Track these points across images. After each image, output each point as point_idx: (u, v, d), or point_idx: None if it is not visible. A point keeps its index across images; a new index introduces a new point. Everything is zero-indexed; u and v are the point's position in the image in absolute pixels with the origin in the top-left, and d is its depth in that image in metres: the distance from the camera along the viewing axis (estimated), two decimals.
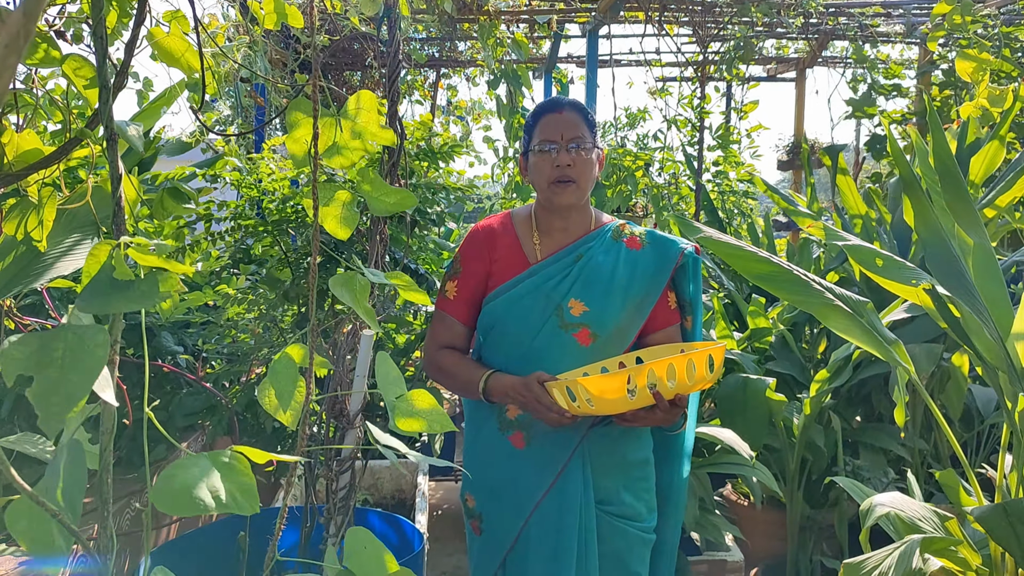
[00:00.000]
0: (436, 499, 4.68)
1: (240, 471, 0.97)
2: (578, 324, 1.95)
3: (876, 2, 5.90)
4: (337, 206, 1.37)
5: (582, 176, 1.96)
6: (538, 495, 1.94)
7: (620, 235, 2.06)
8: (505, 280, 2.02)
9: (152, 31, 1.57)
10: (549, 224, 2.05)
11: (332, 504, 1.92)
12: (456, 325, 2.06)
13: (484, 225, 2.11)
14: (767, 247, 4.67)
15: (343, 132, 1.36)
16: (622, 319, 1.97)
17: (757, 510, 3.52)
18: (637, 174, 5.16)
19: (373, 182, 1.35)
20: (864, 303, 2.13)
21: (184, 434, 2.95)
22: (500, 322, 2.00)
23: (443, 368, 2.04)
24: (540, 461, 1.96)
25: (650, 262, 2.02)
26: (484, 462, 2.05)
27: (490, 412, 2.01)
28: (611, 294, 1.97)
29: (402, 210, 1.38)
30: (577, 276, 1.98)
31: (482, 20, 5.40)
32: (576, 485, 1.94)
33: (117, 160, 0.96)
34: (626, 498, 2.00)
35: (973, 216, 2.04)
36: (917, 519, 1.91)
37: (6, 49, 0.44)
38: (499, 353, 2.01)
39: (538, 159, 1.97)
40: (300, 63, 5.74)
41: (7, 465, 0.99)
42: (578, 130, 1.96)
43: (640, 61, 7.06)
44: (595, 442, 1.97)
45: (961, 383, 3.32)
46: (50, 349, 0.97)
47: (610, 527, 1.97)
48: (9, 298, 1.50)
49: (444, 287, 2.09)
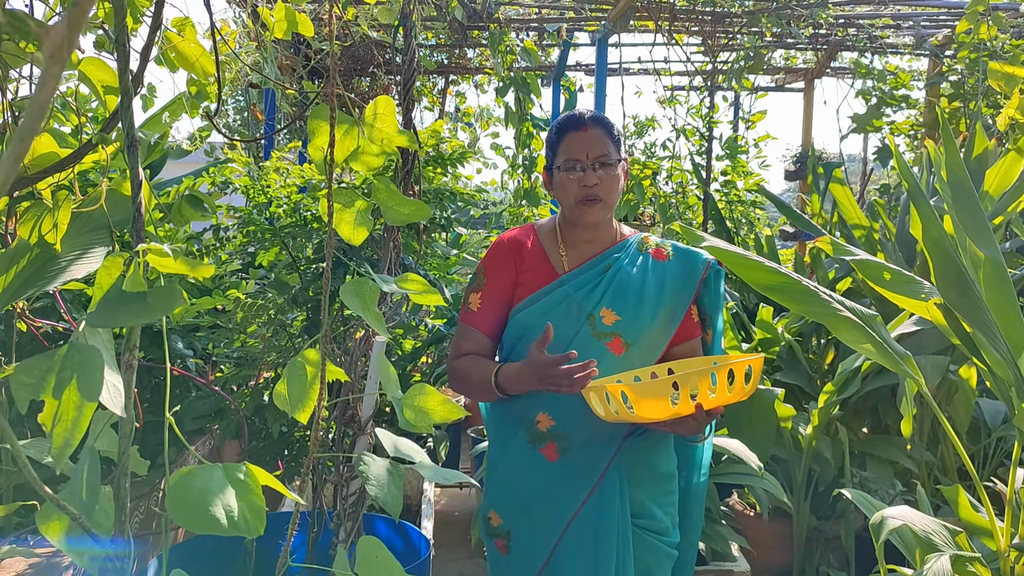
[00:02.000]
0: (441, 506, 4.68)
1: (252, 491, 0.97)
2: (611, 333, 1.93)
3: (886, 14, 5.90)
4: (352, 212, 1.38)
5: (609, 194, 1.95)
6: (574, 508, 1.90)
7: (645, 246, 2.06)
8: (533, 291, 1.99)
9: (168, 35, 1.58)
10: (575, 236, 2.04)
11: (342, 509, 1.92)
12: (480, 337, 2.02)
13: (509, 237, 2.09)
14: (769, 257, 4.67)
15: (364, 137, 1.37)
16: (653, 329, 1.97)
17: (763, 521, 3.52)
18: (645, 183, 5.16)
19: (389, 192, 1.36)
20: (874, 316, 2.13)
21: (192, 437, 2.95)
22: (530, 332, 1.94)
23: (460, 373, 1.99)
24: (575, 473, 1.91)
25: (677, 274, 2.02)
26: (512, 477, 2.00)
27: (518, 425, 1.97)
28: (642, 304, 1.96)
29: (416, 220, 1.38)
30: (608, 286, 1.97)
31: (492, 28, 5.41)
32: (613, 496, 1.90)
33: (138, 167, 0.97)
34: (656, 512, 1.97)
35: (985, 228, 2.04)
36: (929, 533, 1.91)
37: (51, 60, 0.45)
38: None
39: (563, 178, 1.96)
40: (309, 69, 5.76)
41: (31, 472, 1.00)
42: (603, 147, 1.94)
43: (649, 70, 7.06)
44: (630, 453, 1.94)
45: (969, 395, 3.31)
46: (62, 371, 0.98)
47: (642, 542, 1.94)
48: (22, 300, 1.51)
49: (467, 300, 2.05)
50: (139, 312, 0.99)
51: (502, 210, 8.00)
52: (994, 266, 1.99)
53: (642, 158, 5.92)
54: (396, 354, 3.99)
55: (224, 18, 5.16)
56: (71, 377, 0.96)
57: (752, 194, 6.47)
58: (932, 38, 6.25)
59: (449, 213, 3.20)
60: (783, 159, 7.38)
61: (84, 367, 0.95)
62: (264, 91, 5.81)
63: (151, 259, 0.94)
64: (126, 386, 1.00)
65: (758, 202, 6.54)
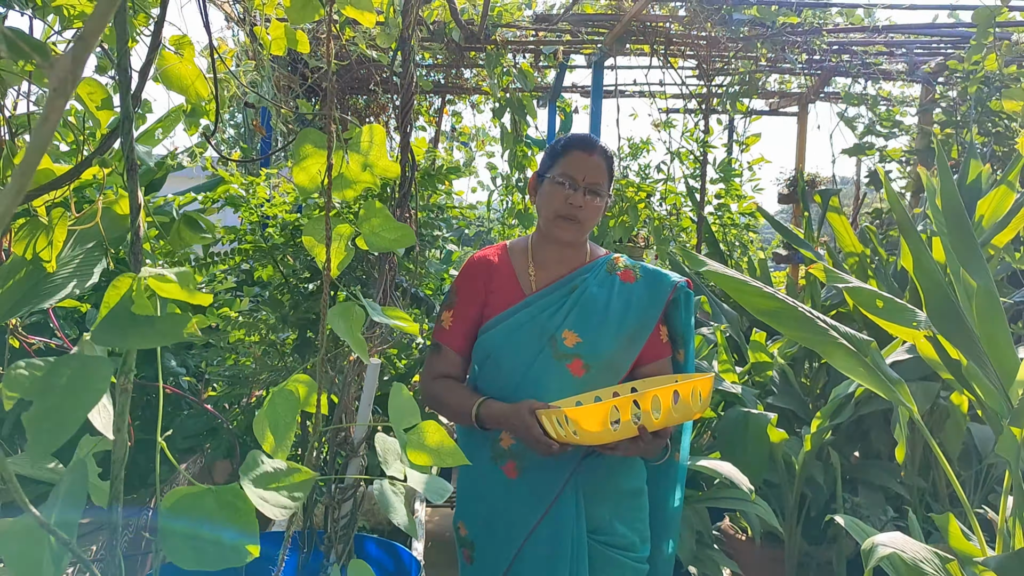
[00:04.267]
0: (432, 525, 4.65)
1: (246, 517, 0.96)
2: (571, 355, 1.97)
3: (879, 41, 5.95)
4: (334, 245, 1.35)
5: (589, 219, 2.01)
6: (531, 524, 1.94)
7: (615, 268, 2.10)
8: (500, 311, 2.04)
9: (164, 55, 1.58)
10: (545, 256, 2.08)
11: (333, 532, 1.91)
12: (452, 355, 2.09)
13: (480, 256, 2.14)
14: (762, 279, 4.68)
15: (351, 165, 1.36)
16: (615, 350, 2.00)
17: (755, 545, 3.51)
18: (640, 206, 5.18)
19: (380, 217, 1.36)
20: (868, 342, 2.14)
21: (184, 456, 2.93)
22: (495, 352, 2.02)
23: (437, 397, 2.06)
24: (533, 491, 1.96)
25: (643, 295, 2.06)
26: (477, 491, 2.07)
27: (483, 442, 2.02)
28: (605, 326, 1.99)
29: (402, 247, 1.38)
30: (572, 308, 2.01)
31: (489, 49, 5.44)
32: (569, 515, 1.94)
33: (137, 190, 0.97)
34: (619, 528, 2.00)
35: (978, 258, 2.05)
36: (919, 560, 1.91)
37: (55, 92, 0.45)
38: (494, 382, 2.02)
39: (552, 188, 2.00)
40: (306, 88, 5.78)
41: (17, 486, 0.99)
42: (600, 176, 1.99)
43: (644, 92, 7.11)
44: (589, 472, 1.98)
45: (960, 422, 3.32)
46: (57, 375, 0.97)
47: (603, 557, 1.97)
48: (15, 317, 1.50)
49: (440, 318, 2.12)
50: (147, 336, 0.99)
51: (491, 228, 8.03)
52: (987, 296, 2.00)
53: (636, 180, 5.93)
54: (389, 373, 3.98)
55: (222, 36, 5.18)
56: (67, 381, 0.95)
57: (746, 217, 6.50)
58: (925, 65, 6.30)
59: (442, 232, 3.21)
60: (776, 182, 7.41)
61: (86, 374, 0.95)
62: (261, 110, 5.82)
63: (152, 283, 0.94)
64: (121, 411, 1.00)
65: (751, 225, 6.56)
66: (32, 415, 0.94)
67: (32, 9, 1.47)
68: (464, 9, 5.41)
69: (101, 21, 0.46)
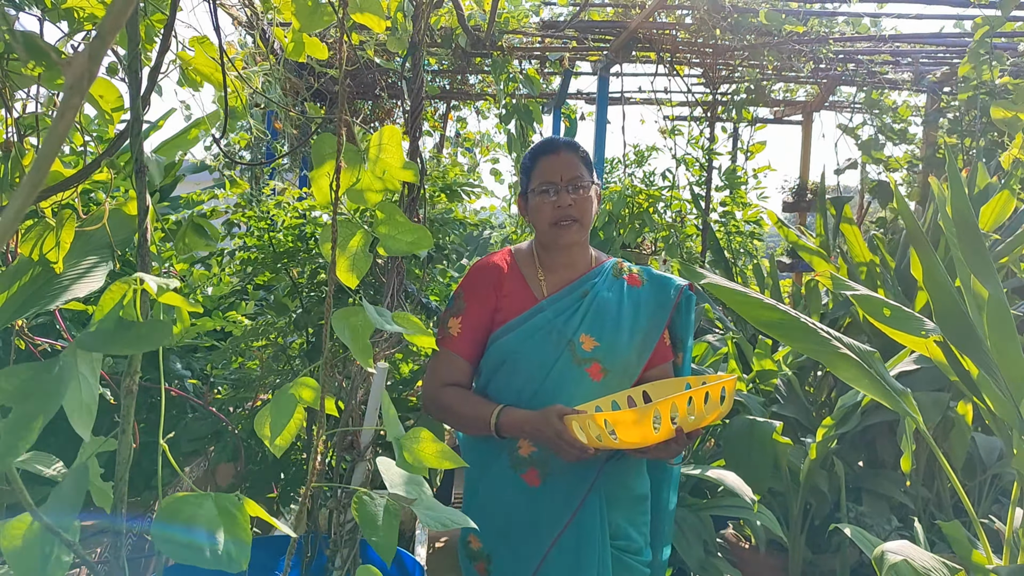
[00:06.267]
0: (435, 531, 4.64)
1: (240, 525, 0.96)
2: (590, 359, 1.95)
3: (885, 50, 5.95)
4: (347, 255, 1.32)
5: (584, 215, 1.99)
6: (555, 532, 1.91)
7: (620, 272, 2.10)
8: (513, 316, 2.02)
9: (182, 55, 1.58)
10: (552, 261, 2.07)
11: (338, 536, 1.90)
12: (460, 362, 2.03)
13: (487, 262, 2.11)
14: (772, 288, 4.67)
15: (367, 173, 1.36)
16: (630, 354, 1.99)
17: (759, 553, 3.49)
18: (651, 211, 5.19)
19: (391, 222, 1.35)
20: (872, 352, 2.13)
21: (188, 459, 2.92)
22: (511, 357, 1.99)
23: (446, 406, 2.00)
24: (557, 498, 1.93)
25: (651, 299, 2.06)
26: (493, 502, 2.01)
27: (499, 450, 1.99)
28: (619, 329, 1.99)
29: (419, 250, 1.37)
30: (586, 311, 2.00)
31: (495, 55, 5.45)
32: (594, 520, 1.92)
33: (145, 194, 0.97)
34: (632, 533, 2.00)
35: (989, 268, 2.04)
36: (929, 570, 1.90)
37: (71, 90, 0.45)
38: (510, 389, 1.98)
39: (538, 201, 2.00)
40: (313, 92, 5.79)
41: (19, 483, 0.99)
42: (576, 169, 1.99)
43: (650, 99, 7.11)
44: (609, 476, 1.97)
45: (965, 432, 3.30)
46: (40, 382, 0.97)
47: (620, 563, 1.97)
48: (21, 319, 1.50)
49: (446, 324, 2.06)
50: (130, 341, 0.98)
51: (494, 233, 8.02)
52: (997, 305, 1.99)
53: (642, 187, 5.94)
54: (394, 377, 3.98)
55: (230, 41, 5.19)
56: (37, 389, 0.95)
57: (751, 224, 6.50)
58: (931, 74, 6.30)
59: (454, 241, 3.20)
60: (781, 190, 7.40)
61: (43, 380, 0.94)
62: (266, 114, 5.82)
63: (148, 288, 0.93)
64: (126, 412, 0.99)
65: (756, 233, 6.56)
66: (7, 422, 0.94)
67: (42, 11, 1.47)
68: (471, 15, 5.41)
69: (118, 19, 0.46)
